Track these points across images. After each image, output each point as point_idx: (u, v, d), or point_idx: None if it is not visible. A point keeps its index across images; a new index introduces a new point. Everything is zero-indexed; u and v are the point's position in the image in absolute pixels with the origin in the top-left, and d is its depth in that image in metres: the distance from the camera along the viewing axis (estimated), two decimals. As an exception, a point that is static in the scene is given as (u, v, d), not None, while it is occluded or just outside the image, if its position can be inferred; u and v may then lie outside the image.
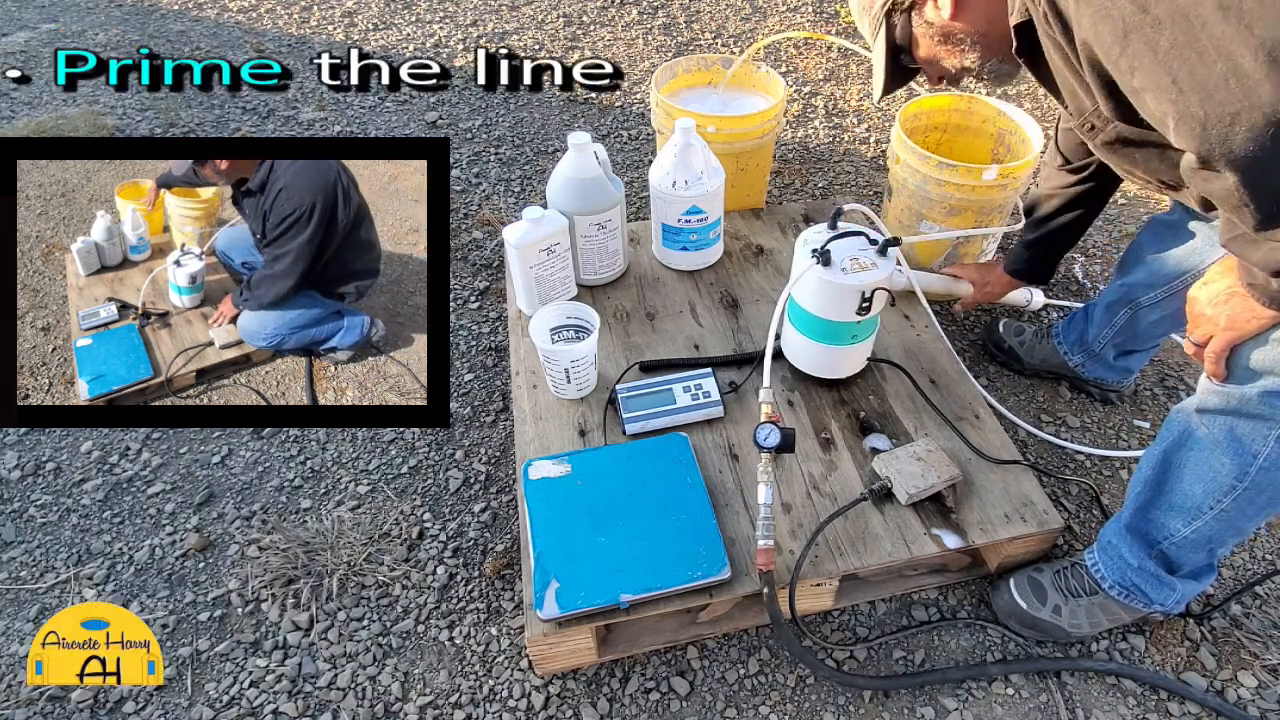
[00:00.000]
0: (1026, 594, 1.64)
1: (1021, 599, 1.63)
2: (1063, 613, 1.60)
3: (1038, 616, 1.61)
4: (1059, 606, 1.61)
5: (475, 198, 2.87)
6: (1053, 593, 1.62)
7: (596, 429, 1.82)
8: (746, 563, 1.55)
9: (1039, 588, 1.64)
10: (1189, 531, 1.42)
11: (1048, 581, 1.64)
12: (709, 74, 2.50)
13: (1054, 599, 1.62)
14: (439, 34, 3.88)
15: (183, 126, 3.23)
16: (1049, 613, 1.61)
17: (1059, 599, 1.61)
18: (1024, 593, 1.64)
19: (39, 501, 1.94)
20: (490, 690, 1.59)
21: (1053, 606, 1.61)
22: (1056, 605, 1.61)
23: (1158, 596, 1.53)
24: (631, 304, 2.12)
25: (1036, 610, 1.62)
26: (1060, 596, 1.62)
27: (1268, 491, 1.31)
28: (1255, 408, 1.24)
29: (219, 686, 1.61)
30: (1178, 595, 1.53)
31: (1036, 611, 1.62)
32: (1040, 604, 1.62)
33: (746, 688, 1.60)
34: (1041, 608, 1.61)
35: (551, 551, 1.54)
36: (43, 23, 4.01)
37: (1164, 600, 1.54)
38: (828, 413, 1.85)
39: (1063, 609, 1.61)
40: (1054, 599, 1.62)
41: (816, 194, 2.86)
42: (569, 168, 1.96)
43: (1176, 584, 1.51)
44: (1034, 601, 1.62)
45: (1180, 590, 1.52)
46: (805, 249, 1.72)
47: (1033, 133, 2.17)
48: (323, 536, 1.84)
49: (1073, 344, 2.07)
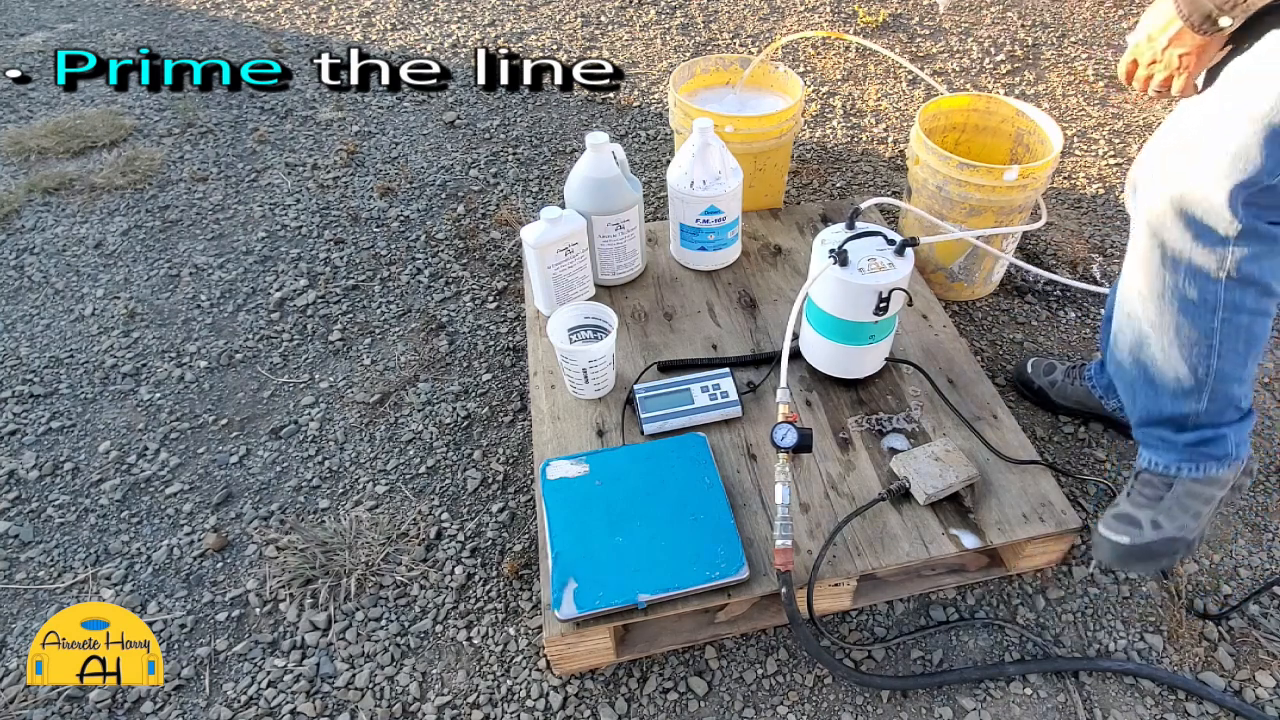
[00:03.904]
0: (1121, 529, 1.54)
1: (1120, 536, 1.54)
2: (1162, 524, 1.51)
3: (1147, 542, 1.51)
4: (1155, 520, 1.52)
5: (493, 198, 2.87)
6: (1140, 512, 1.54)
7: (614, 429, 1.82)
8: (764, 563, 1.55)
9: (1126, 517, 1.55)
10: (1204, 404, 1.44)
11: (1129, 506, 1.57)
12: (727, 74, 2.50)
13: (1146, 516, 1.53)
14: (457, 34, 3.89)
15: (200, 126, 3.24)
16: (1152, 530, 1.51)
17: (1150, 514, 1.53)
18: (1119, 530, 1.54)
19: (57, 501, 1.94)
20: (508, 690, 1.59)
21: (1150, 523, 1.52)
22: (1153, 520, 1.52)
23: (1217, 450, 1.50)
24: (649, 304, 2.12)
25: (1140, 537, 1.52)
26: (1149, 511, 1.53)
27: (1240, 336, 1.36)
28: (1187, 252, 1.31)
29: (237, 686, 1.62)
30: (1232, 439, 1.50)
31: (1141, 538, 1.52)
32: (1139, 529, 1.52)
33: (764, 688, 1.59)
34: (1142, 531, 1.52)
35: (569, 551, 1.54)
36: (60, 23, 4.04)
37: (1226, 450, 1.51)
38: (845, 413, 1.84)
39: (1160, 520, 1.52)
40: (1146, 516, 1.53)
41: (834, 194, 2.85)
42: (587, 167, 1.96)
43: (1225, 430, 1.49)
44: (1134, 531, 1.53)
45: (1231, 434, 1.50)
46: (823, 249, 1.71)
47: (1051, 133, 2.15)
48: (341, 536, 1.84)
49: (1107, 386, 1.97)
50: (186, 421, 2.12)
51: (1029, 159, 2.27)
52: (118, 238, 2.71)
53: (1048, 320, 2.35)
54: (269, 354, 2.30)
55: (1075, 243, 2.59)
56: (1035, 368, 2.10)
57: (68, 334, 2.37)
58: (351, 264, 2.60)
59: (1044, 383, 2.07)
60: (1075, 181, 2.90)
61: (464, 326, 2.37)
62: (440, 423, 2.10)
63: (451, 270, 2.56)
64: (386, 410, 2.14)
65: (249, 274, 2.57)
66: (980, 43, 3.74)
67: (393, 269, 2.58)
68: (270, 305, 2.45)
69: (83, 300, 2.48)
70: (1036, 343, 2.28)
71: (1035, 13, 4.00)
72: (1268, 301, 1.36)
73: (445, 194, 2.90)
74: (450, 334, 2.34)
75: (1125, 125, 3.17)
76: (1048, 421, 2.06)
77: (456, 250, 2.64)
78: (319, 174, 3.00)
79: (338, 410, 2.14)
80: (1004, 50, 3.67)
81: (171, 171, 3.02)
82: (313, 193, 2.91)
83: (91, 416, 2.14)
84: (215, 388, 2.21)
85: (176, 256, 2.64)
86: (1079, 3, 4.09)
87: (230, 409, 2.15)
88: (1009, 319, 2.35)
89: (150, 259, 2.63)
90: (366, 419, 2.12)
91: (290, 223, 2.77)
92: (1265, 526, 1.84)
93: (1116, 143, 3.08)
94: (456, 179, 2.97)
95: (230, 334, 2.36)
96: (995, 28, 3.87)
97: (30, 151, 3.09)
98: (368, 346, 2.31)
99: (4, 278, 2.56)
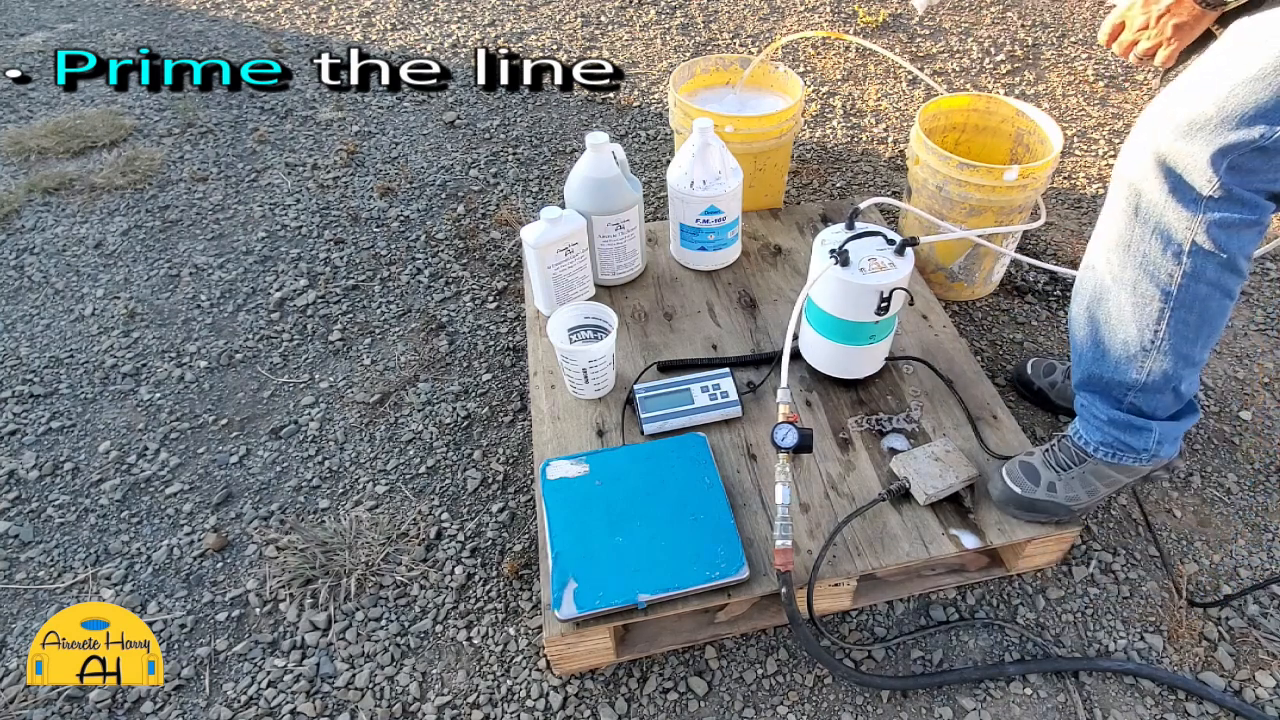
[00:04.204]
0: (1019, 478, 1.63)
1: (1015, 484, 1.63)
2: (1057, 488, 1.60)
3: (1034, 498, 1.60)
4: (1053, 483, 1.60)
5: (493, 198, 2.87)
6: (1045, 471, 1.62)
7: (614, 429, 1.82)
8: (764, 563, 1.55)
9: (1030, 469, 1.63)
10: (1144, 376, 1.45)
11: (1039, 461, 1.63)
12: (727, 74, 2.50)
13: (1047, 477, 1.61)
14: (457, 34, 3.89)
15: (200, 126, 3.24)
16: (1044, 491, 1.60)
17: (1052, 475, 1.61)
18: (1016, 477, 1.63)
19: (57, 501, 1.94)
20: (508, 690, 1.60)
21: (1047, 484, 1.60)
22: (1050, 482, 1.60)
23: (1138, 442, 1.53)
24: (649, 304, 2.12)
25: (1031, 491, 1.61)
26: (1053, 473, 1.61)
27: (1195, 308, 1.35)
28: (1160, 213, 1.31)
29: (237, 686, 1.62)
30: (1156, 435, 1.52)
31: (1031, 493, 1.61)
32: (1034, 484, 1.61)
33: (764, 688, 1.59)
34: (1036, 488, 1.61)
35: (569, 551, 1.54)
36: (60, 23, 4.04)
37: (1146, 444, 1.53)
38: (845, 413, 1.84)
39: (1057, 484, 1.60)
40: (1047, 477, 1.61)
41: (834, 194, 2.85)
42: (587, 167, 1.97)
43: (1153, 425, 1.51)
44: (1027, 484, 1.62)
45: (1158, 430, 1.52)
46: (823, 249, 1.71)
47: (1051, 133, 2.15)
48: (340, 536, 1.84)
49: None
50: (186, 421, 2.12)
51: (1029, 159, 2.27)
52: (118, 238, 2.71)
53: (1048, 320, 2.35)
54: (269, 354, 2.30)
55: (1075, 243, 2.59)
56: (1035, 368, 2.10)
57: (68, 334, 2.37)
58: (351, 264, 2.60)
59: (1044, 383, 2.07)
60: (1075, 181, 2.90)
61: (464, 326, 2.37)
62: (440, 423, 2.10)
63: (451, 270, 2.56)
64: (386, 410, 2.14)
65: (249, 274, 2.57)
66: (980, 43, 3.74)
67: (393, 269, 2.58)
68: (270, 305, 2.45)
69: (83, 300, 2.48)
70: (1036, 343, 2.28)
71: (1035, 13, 4.00)
72: (1229, 279, 1.34)
73: (445, 194, 2.90)
74: (450, 334, 2.34)
75: (1125, 125, 3.17)
76: (1048, 421, 2.06)
77: (456, 250, 2.64)
78: (319, 174, 3.00)
79: (338, 410, 2.14)
80: (1004, 50, 3.67)
81: (171, 171, 3.02)
82: (313, 193, 2.91)
83: (91, 416, 2.14)
84: (215, 388, 2.21)
85: (176, 256, 2.64)
86: (1079, 3, 4.09)
87: (230, 409, 2.15)
88: (1009, 319, 2.35)
89: (150, 259, 2.63)
90: (366, 419, 2.12)
91: (290, 223, 2.77)
92: (1265, 526, 1.84)
93: (1116, 143, 3.08)
94: (456, 179, 2.97)
95: (230, 334, 2.36)
96: (995, 28, 3.87)
97: (30, 151, 3.09)
98: (368, 346, 2.31)
99: (4, 278, 2.56)
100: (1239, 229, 1.28)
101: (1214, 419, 2.07)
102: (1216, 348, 2.22)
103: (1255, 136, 1.20)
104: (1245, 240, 1.30)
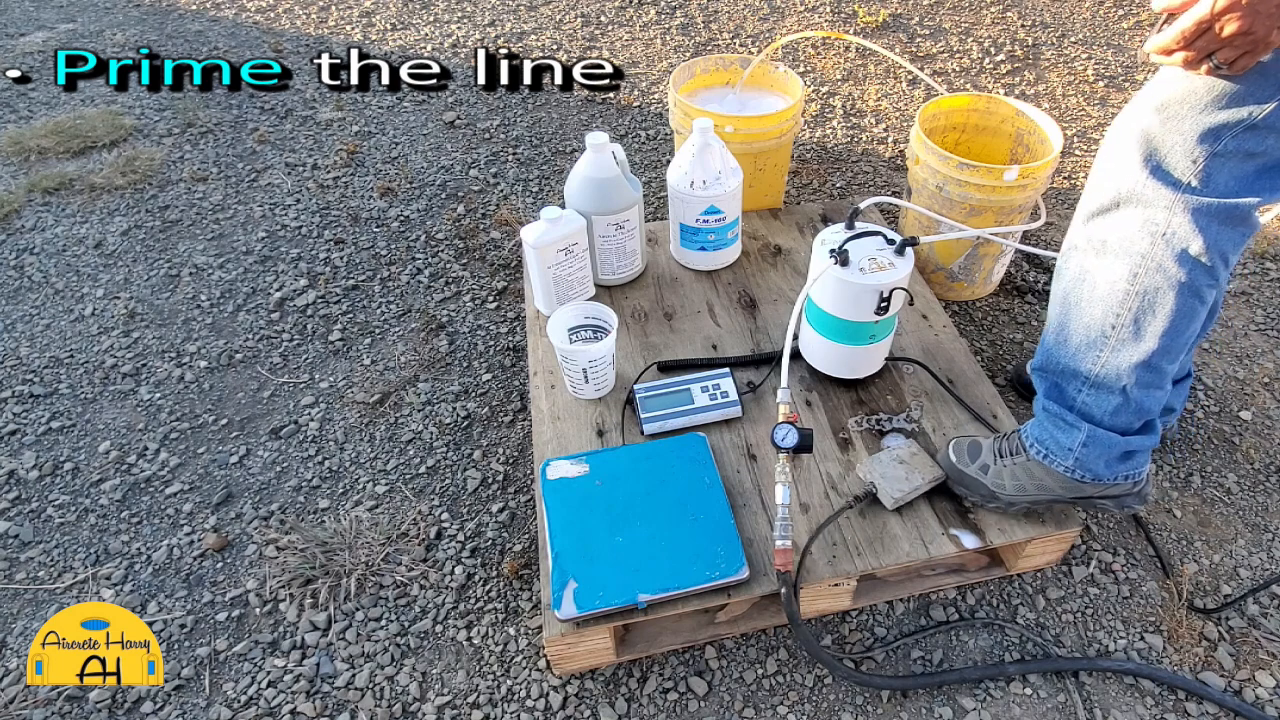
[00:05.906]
0: (961, 451, 1.67)
1: (955, 454, 1.67)
2: (989, 470, 1.62)
3: (964, 471, 1.64)
4: (986, 465, 1.63)
5: (493, 198, 2.87)
6: (987, 453, 1.64)
7: (614, 429, 1.82)
8: (764, 563, 1.55)
9: (975, 447, 1.67)
10: (1098, 367, 1.44)
11: (987, 444, 1.66)
12: (727, 74, 2.50)
13: (985, 459, 1.64)
14: (457, 34, 3.89)
15: (200, 126, 3.24)
16: (975, 470, 1.63)
17: (989, 459, 1.63)
18: (960, 450, 1.67)
19: (57, 501, 1.94)
20: (508, 690, 1.59)
21: (981, 465, 1.63)
22: (985, 465, 1.63)
23: (1064, 438, 1.52)
24: (649, 304, 2.12)
25: (965, 466, 1.64)
26: (992, 456, 1.63)
27: (1158, 298, 1.33)
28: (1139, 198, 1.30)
29: (237, 686, 1.62)
30: (1083, 436, 1.49)
31: (966, 467, 1.64)
32: (971, 460, 1.65)
33: (764, 688, 1.59)
34: (970, 464, 1.64)
35: (569, 551, 1.54)
36: (60, 23, 4.04)
37: (1069, 443, 1.52)
38: (845, 413, 1.84)
39: (990, 467, 1.62)
40: (985, 459, 1.64)
41: (834, 194, 2.85)
42: (587, 168, 1.97)
43: (1083, 425, 1.49)
44: (965, 459, 1.65)
45: (1086, 431, 1.49)
46: (823, 249, 1.71)
47: (1051, 133, 2.15)
48: (340, 536, 1.84)
49: None
50: (186, 421, 2.12)
51: (1029, 159, 2.27)
52: (118, 238, 2.71)
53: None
54: (269, 354, 2.30)
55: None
56: None
57: (68, 334, 2.37)
58: (351, 264, 2.60)
59: None
60: (1075, 181, 2.90)
61: (464, 326, 2.37)
62: (440, 423, 2.10)
63: (451, 270, 2.56)
64: (386, 410, 2.14)
65: (249, 274, 2.57)
66: (980, 43, 3.74)
67: (393, 269, 2.58)
68: (270, 305, 2.45)
69: (83, 300, 2.48)
70: (1036, 343, 2.27)
71: (1035, 13, 4.00)
72: (1200, 276, 1.30)
73: (445, 194, 2.89)
74: (450, 334, 2.34)
75: (1125, 125, 3.17)
76: (1048, 421, 2.06)
77: (456, 250, 2.64)
78: (319, 174, 3.00)
79: (338, 410, 2.14)
80: (1004, 50, 3.67)
81: (171, 171, 3.02)
82: (313, 193, 2.91)
83: (91, 416, 2.14)
84: (215, 388, 2.21)
85: (176, 256, 2.64)
86: (1079, 3, 4.09)
87: (230, 409, 2.15)
88: (1009, 319, 2.35)
89: (150, 259, 2.63)
90: (366, 419, 2.12)
91: (290, 223, 2.77)
92: (1265, 527, 1.84)
93: (1116, 143, 3.07)
94: (456, 179, 2.97)
95: (230, 334, 2.36)
96: (995, 28, 3.87)
97: (30, 151, 3.09)
98: (368, 346, 2.31)
99: (4, 278, 2.56)
100: (1217, 222, 1.26)
101: (1214, 419, 2.07)
102: (1217, 348, 2.22)
103: (1244, 115, 1.18)
104: (1223, 238, 1.28)
